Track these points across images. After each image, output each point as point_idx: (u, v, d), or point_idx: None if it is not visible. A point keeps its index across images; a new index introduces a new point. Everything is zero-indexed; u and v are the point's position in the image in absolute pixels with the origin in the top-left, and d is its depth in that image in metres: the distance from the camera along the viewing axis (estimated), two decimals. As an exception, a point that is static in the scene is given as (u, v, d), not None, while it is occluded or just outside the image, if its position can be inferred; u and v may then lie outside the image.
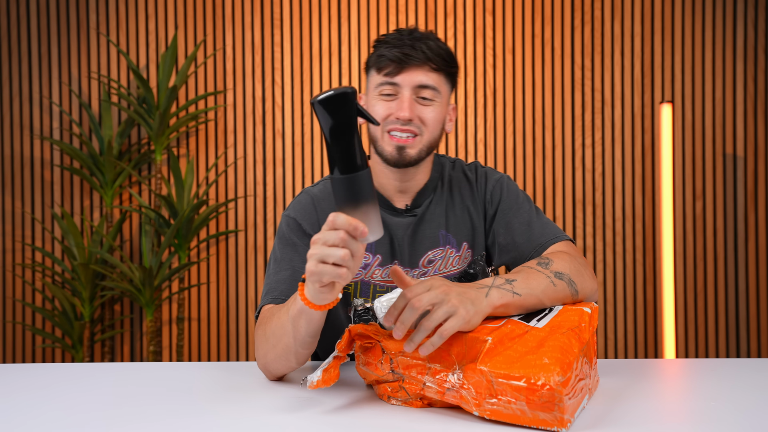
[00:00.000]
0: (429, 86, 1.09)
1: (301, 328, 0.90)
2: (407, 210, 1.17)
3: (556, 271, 0.98)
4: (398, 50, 1.08)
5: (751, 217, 2.72)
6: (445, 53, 1.11)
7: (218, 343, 2.79)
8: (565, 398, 0.72)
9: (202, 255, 2.79)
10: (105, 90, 2.70)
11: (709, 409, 0.83)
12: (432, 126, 1.11)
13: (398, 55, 1.08)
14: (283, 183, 2.77)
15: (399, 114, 1.08)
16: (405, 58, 1.07)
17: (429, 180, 1.19)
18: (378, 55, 1.10)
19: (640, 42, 2.73)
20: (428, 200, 1.18)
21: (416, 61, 1.08)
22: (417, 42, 1.09)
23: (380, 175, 1.17)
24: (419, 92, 1.09)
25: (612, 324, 2.75)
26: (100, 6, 2.78)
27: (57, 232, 2.78)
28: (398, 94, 1.10)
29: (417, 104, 1.10)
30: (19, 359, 2.80)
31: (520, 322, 0.87)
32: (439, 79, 1.11)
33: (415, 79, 1.09)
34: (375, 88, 1.12)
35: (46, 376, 1.06)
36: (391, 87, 1.09)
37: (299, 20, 2.78)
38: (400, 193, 1.17)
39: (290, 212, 1.16)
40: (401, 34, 1.11)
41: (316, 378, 0.83)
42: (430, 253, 1.16)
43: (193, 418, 0.82)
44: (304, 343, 0.92)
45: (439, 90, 1.11)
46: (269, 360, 0.98)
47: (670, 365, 1.16)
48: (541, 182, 2.74)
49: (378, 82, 1.11)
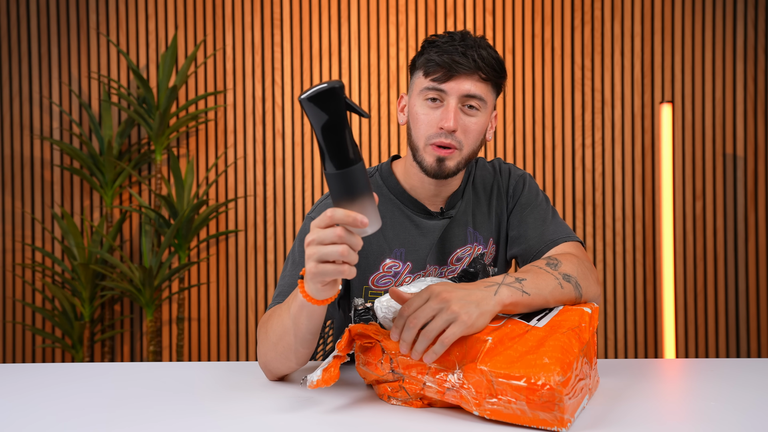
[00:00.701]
0: (476, 96, 1.07)
1: (302, 324, 0.89)
2: (441, 213, 1.17)
3: (565, 273, 0.97)
4: (448, 56, 1.05)
5: (751, 217, 2.72)
6: (496, 62, 1.08)
7: (218, 343, 2.79)
8: (565, 398, 0.72)
9: (202, 255, 2.79)
10: (105, 90, 2.70)
11: (709, 409, 0.83)
12: (473, 138, 1.09)
13: (448, 62, 1.05)
14: (283, 183, 2.77)
15: (444, 124, 1.05)
16: (455, 65, 1.04)
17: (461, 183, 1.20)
18: (427, 59, 1.07)
19: (640, 42, 2.73)
20: (459, 202, 1.19)
21: (466, 69, 1.05)
22: (469, 50, 1.05)
23: (415, 179, 1.15)
24: (465, 101, 1.07)
25: (612, 324, 2.75)
26: (100, 6, 2.78)
27: (57, 232, 2.78)
28: (444, 101, 1.07)
29: (462, 114, 1.07)
30: (19, 359, 2.80)
31: (520, 322, 0.87)
32: (486, 89, 1.08)
33: (463, 88, 1.06)
34: (420, 91, 1.09)
35: (46, 376, 1.06)
36: (437, 93, 1.07)
37: (299, 20, 2.78)
38: (434, 197, 1.16)
39: (314, 214, 1.15)
40: (453, 39, 1.07)
41: (316, 378, 0.83)
42: (459, 250, 1.17)
43: (193, 418, 0.82)
44: (305, 341, 0.92)
45: (486, 100, 1.08)
46: (270, 359, 0.98)
47: (670, 365, 1.16)
48: (541, 182, 2.74)
49: (424, 86, 1.08)
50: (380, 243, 1.13)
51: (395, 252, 1.13)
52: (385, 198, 1.17)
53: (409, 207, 1.16)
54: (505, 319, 0.88)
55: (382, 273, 1.13)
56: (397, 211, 1.16)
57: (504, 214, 1.20)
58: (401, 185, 1.17)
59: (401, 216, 1.15)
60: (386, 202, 1.16)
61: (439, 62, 1.05)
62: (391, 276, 1.13)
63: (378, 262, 1.13)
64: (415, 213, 1.16)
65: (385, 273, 1.13)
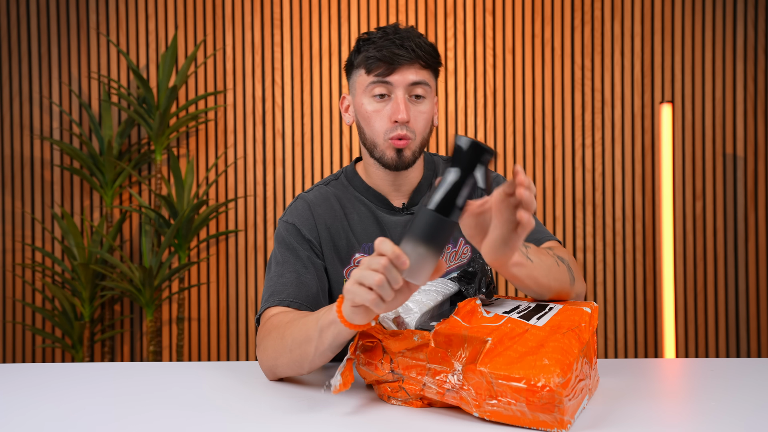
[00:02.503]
0: (421, 82, 1.10)
1: (326, 339, 0.88)
2: (404, 208, 1.19)
3: (559, 256, 1.01)
4: (387, 50, 1.08)
5: (751, 217, 2.72)
6: (432, 49, 1.12)
7: (218, 343, 2.79)
8: (565, 399, 0.72)
9: (202, 255, 2.79)
10: (105, 90, 2.70)
11: (709, 409, 0.83)
12: (423, 125, 1.13)
13: (388, 55, 1.08)
14: (283, 183, 2.77)
15: (397, 117, 1.08)
16: (396, 57, 1.08)
17: (423, 178, 1.21)
18: (366, 56, 1.10)
19: (640, 42, 2.73)
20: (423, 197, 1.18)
21: (407, 60, 1.08)
22: (405, 41, 1.09)
23: (375, 176, 1.18)
24: (412, 90, 1.10)
25: (612, 324, 2.75)
26: (100, 6, 2.78)
27: (57, 232, 2.78)
28: (391, 94, 1.10)
29: (410, 104, 1.11)
30: (19, 359, 2.80)
31: (520, 321, 0.86)
32: (428, 75, 1.12)
33: (408, 78, 1.09)
34: (366, 89, 1.12)
35: (46, 376, 1.06)
36: (383, 87, 1.10)
37: (299, 20, 2.78)
38: (396, 192, 1.19)
39: (287, 218, 1.17)
40: (387, 33, 1.10)
41: (338, 382, 0.83)
42: None
43: (193, 418, 0.82)
44: (324, 355, 0.91)
45: (430, 85, 1.12)
46: (280, 363, 0.97)
47: (670, 365, 1.16)
48: (541, 182, 2.74)
49: (369, 82, 1.11)
50: (349, 238, 1.16)
51: (363, 246, 1.16)
52: (351, 196, 1.20)
53: (374, 203, 1.18)
54: (505, 318, 0.88)
55: (353, 266, 1.16)
56: (363, 208, 1.18)
57: None
58: (365, 183, 1.20)
59: (367, 212, 1.18)
60: (352, 200, 1.19)
61: (380, 57, 1.08)
62: None
63: (349, 256, 1.16)
64: (379, 208, 1.18)
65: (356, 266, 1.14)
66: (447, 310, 0.98)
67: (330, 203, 1.18)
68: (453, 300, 1.00)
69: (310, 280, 1.10)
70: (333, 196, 1.19)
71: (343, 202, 1.19)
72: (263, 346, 1.01)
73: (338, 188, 1.21)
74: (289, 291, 1.07)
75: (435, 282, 1.00)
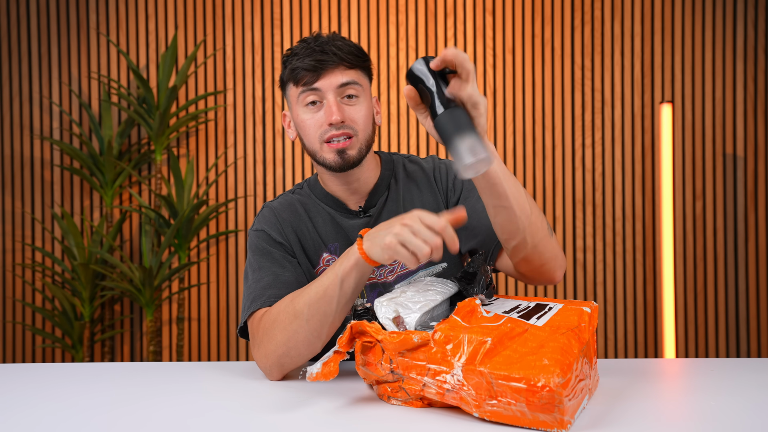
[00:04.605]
0: (350, 82, 1.10)
1: (349, 287, 0.95)
2: (361, 210, 1.19)
3: None
4: (310, 59, 1.08)
5: (751, 217, 2.72)
6: (356, 49, 1.12)
7: (218, 343, 2.79)
8: (565, 399, 0.72)
9: (202, 255, 2.79)
10: (105, 90, 2.70)
11: (709, 408, 0.83)
12: (363, 122, 1.13)
13: (312, 63, 1.08)
14: (283, 183, 2.77)
15: (330, 119, 1.09)
16: (319, 64, 1.08)
17: (380, 179, 1.20)
18: (291, 69, 1.11)
19: (640, 42, 2.73)
20: (382, 199, 1.20)
21: (331, 63, 1.09)
22: (325, 45, 1.09)
23: (330, 182, 1.19)
24: (342, 92, 1.10)
25: (612, 324, 2.75)
26: (100, 6, 2.78)
27: (57, 232, 2.78)
28: (322, 100, 1.10)
29: (343, 105, 1.11)
30: (19, 359, 2.80)
31: (519, 320, 0.86)
32: (357, 75, 1.12)
33: (335, 81, 1.09)
34: (297, 100, 1.12)
35: (46, 376, 1.06)
36: (314, 94, 1.10)
37: (299, 20, 2.78)
38: (351, 195, 1.19)
39: (256, 226, 1.21)
40: (307, 43, 1.11)
41: (315, 370, 0.83)
42: None
43: (192, 417, 0.82)
44: (345, 309, 0.97)
45: (361, 84, 1.12)
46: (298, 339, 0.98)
47: (670, 365, 1.16)
48: (541, 182, 2.74)
49: (299, 92, 1.11)
50: (315, 239, 1.18)
51: (330, 246, 1.18)
52: (313, 203, 1.22)
53: (333, 207, 1.20)
54: (504, 318, 0.88)
55: (322, 267, 1.17)
56: (324, 213, 1.20)
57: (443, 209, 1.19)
58: (324, 190, 1.21)
59: (328, 216, 1.20)
60: (314, 206, 1.21)
61: (304, 66, 1.09)
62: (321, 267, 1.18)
63: (317, 257, 1.18)
64: (338, 213, 1.20)
65: (324, 266, 1.17)
66: (447, 310, 0.98)
67: (295, 208, 1.21)
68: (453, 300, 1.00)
69: (289, 277, 1.11)
70: (298, 202, 1.22)
71: (308, 207, 1.21)
72: (266, 340, 1.01)
73: (302, 195, 1.24)
74: (270, 293, 1.07)
75: (436, 282, 1.00)
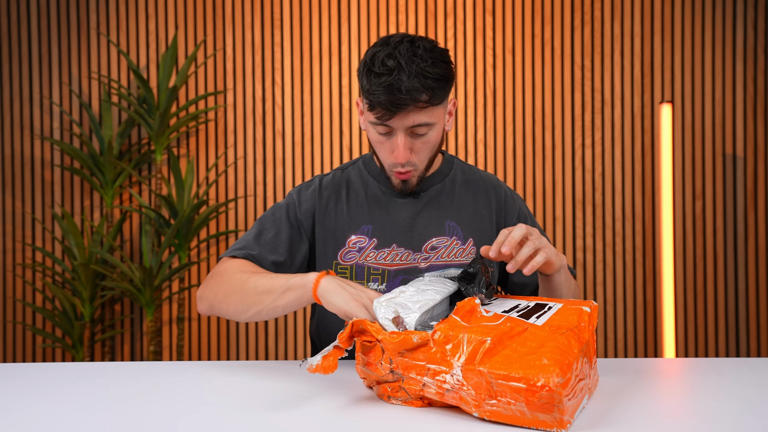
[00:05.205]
0: (421, 124, 1.09)
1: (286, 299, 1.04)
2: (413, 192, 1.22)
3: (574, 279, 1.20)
4: (386, 97, 1.04)
5: (751, 217, 2.72)
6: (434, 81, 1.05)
7: (218, 343, 2.79)
8: (565, 399, 0.72)
9: (203, 255, 2.79)
10: (105, 90, 2.70)
11: (709, 408, 0.83)
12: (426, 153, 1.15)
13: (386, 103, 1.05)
14: (283, 183, 2.77)
15: (395, 159, 1.12)
16: (393, 106, 1.05)
17: (437, 171, 1.25)
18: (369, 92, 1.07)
19: (640, 42, 2.73)
20: (436, 188, 1.24)
21: (406, 105, 1.05)
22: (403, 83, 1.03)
23: None
24: (413, 130, 1.10)
25: (612, 324, 2.75)
26: (100, 6, 2.78)
27: (57, 232, 2.78)
28: (393, 132, 1.10)
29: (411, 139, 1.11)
30: (19, 359, 2.80)
31: (519, 320, 0.86)
32: (429, 114, 1.09)
33: (407, 122, 1.08)
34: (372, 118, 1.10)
35: (46, 376, 1.06)
36: (385, 128, 1.10)
37: (299, 20, 2.78)
38: None
39: (294, 195, 1.26)
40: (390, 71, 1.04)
41: (315, 362, 0.83)
42: (434, 239, 1.20)
43: (192, 417, 0.82)
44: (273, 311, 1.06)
45: (432, 120, 1.10)
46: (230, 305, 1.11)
47: (670, 365, 1.16)
48: (541, 182, 2.74)
49: (371, 120, 1.10)
50: (344, 220, 1.21)
51: (363, 228, 1.20)
52: (364, 179, 1.25)
53: (384, 185, 1.23)
54: (504, 317, 0.88)
55: (348, 249, 1.20)
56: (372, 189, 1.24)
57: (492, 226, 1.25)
58: (378, 168, 1.25)
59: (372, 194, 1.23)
60: (361, 183, 1.25)
61: (380, 102, 1.05)
62: (356, 251, 1.20)
63: (344, 239, 1.20)
64: (388, 189, 1.23)
65: (350, 249, 1.20)
66: (446, 310, 0.98)
67: (339, 187, 1.24)
68: (453, 300, 1.00)
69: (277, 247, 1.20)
70: (344, 180, 1.26)
71: (352, 185, 1.24)
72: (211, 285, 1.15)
73: (353, 172, 1.27)
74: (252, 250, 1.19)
75: (435, 282, 1.00)
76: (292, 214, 1.23)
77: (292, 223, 1.22)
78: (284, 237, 1.20)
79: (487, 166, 2.76)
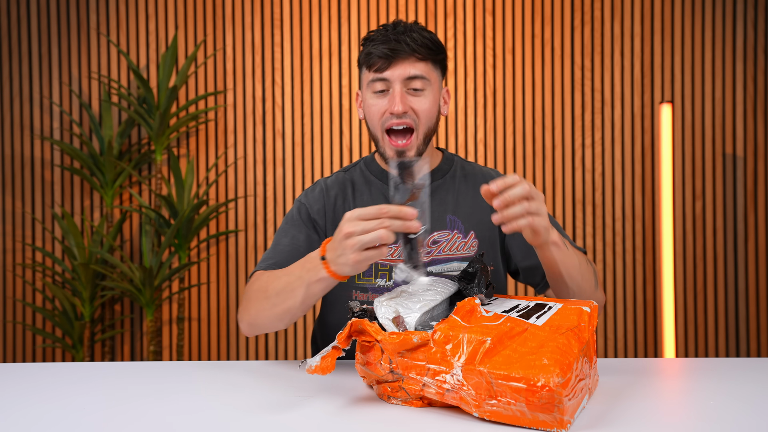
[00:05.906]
0: (418, 76, 1.13)
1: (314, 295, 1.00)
2: None
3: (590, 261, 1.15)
4: (384, 46, 1.12)
5: (751, 217, 2.72)
6: (430, 42, 1.15)
7: (218, 343, 2.79)
8: (565, 399, 0.72)
9: (202, 255, 2.79)
10: (105, 90, 2.70)
11: (709, 408, 0.83)
12: (426, 116, 1.16)
13: (385, 51, 1.12)
14: (283, 183, 2.77)
15: (393, 109, 1.12)
16: (391, 53, 1.12)
17: (437, 167, 1.27)
18: (366, 53, 1.15)
19: (640, 42, 2.73)
20: (436, 183, 1.25)
21: (402, 54, 1.12)
22: (401, 35, 1.12)
23: None
24: (409, 84, 1.14)
25: (612, 324, 2.75)
26: (100, 6, 2.78)
27: (57, 232, 2.78)
28: (389, 89, 1.14)
29: (409, 96, 1.14)
30: (19, 359, 2.80)
31: (519, 320, 0.86)
32: (427, 68, 1.15)
33: (404, 72, 1.13)
34: (367, 85, 1.17)
35: (46, 376, 1.06)
36: (382, 83, 1.14)
37: (299, 20, 2.78)
38: None
39: (302, 199, 1.27)
40: (386, 30, 1.15)
41: (314, 363, 0.83)
42: (436, 234, 1.22)
43: (193, 417, 0.82)
44: (308, 306, 1.03)
45: (429, 78, 1.15)
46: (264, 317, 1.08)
47: (669, 364, 1.16)
48: (541, 182, 2.74)
49: (369, 79, 1.15)
50: None
51: None
52: (367, 179, 1.27)
53: (387, 183, 1.25)
54: (504, 317, 0.88)
55: None
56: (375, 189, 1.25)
57: None
58: (381, 167, 1.27)
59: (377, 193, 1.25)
60: (365, 183, 1.26)
61: (377, 53, 1.13)
62: None
63: None
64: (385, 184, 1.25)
65: None
66: (446, 310, 0.98)
67: (344, 186, 1.26)
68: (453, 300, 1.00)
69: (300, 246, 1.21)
70: (348, 181, 1.27)
71: (356, 185, 1.26)
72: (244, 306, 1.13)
73: (355, 173, 1.29)
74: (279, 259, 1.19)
75: (435, 282, 1.00)
76: (305, 215, 1.24)
77: (306, 223, 1.23)
78: (302, 237, 1.22)
79: (487, 166, 2.76)
